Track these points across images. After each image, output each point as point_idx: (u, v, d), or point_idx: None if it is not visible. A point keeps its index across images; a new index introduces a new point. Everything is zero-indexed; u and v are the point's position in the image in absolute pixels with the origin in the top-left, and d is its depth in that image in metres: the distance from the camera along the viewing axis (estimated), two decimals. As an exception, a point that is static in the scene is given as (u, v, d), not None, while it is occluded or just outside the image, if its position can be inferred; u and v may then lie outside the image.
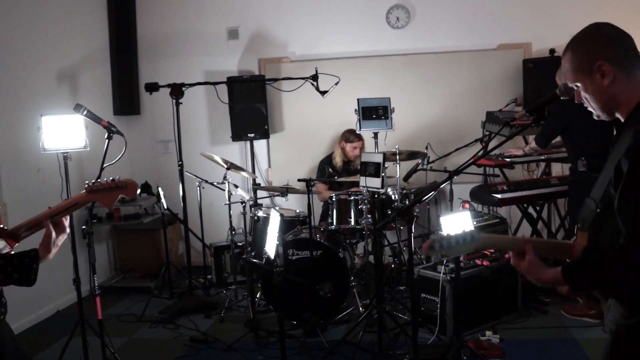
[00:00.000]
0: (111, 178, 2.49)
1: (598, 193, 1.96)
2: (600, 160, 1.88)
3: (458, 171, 2.83)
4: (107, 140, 3.36)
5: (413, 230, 4.00)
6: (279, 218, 4.07)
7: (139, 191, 2.55)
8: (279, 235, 3.86)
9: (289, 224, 5.47)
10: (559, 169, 6.18)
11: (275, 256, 3.47)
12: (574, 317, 4.93)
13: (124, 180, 2.50)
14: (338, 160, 6.29)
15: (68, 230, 2.50)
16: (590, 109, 1.99)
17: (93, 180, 2.48)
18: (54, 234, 2.39)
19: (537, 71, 6.28)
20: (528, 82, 6.39)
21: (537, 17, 6.54)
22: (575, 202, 4.88)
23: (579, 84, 1.95)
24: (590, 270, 1.83)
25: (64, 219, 2.47)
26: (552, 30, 6.45)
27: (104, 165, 3.44)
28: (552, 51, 6.32)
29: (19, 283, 2.31)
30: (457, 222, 3.80)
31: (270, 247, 3.85)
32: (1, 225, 2.44)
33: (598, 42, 1.91)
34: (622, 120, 1.91)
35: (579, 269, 1.89)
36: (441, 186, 3.14)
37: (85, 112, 2.94)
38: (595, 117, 2.01)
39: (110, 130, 3.29)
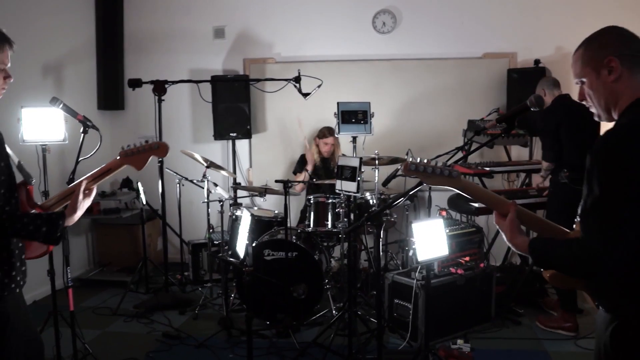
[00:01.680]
0: (145, 140, 2.63)
1: None
2: (582, 173, 1.90)
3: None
4: (82, 134, 3.34)
5: (382, 236, 3.99)
6: (249, 218, 4.07)
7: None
8: (249, 235, 3.86)
9: (266, 224, 5.47)
10: (539, 180, 6.21)
11: (244, 256, 3.47)
12: (548, 329, 4.94)
13: (157, 142, 2.64)
14: (315, 157, 6.32)
15: (93, 195, 2.59)
16: (592, 108, 2.02)
17: (128, 145, 2.63)
18: (81, 196, 2.49)
19: (522, 81, 6.30)
20: (512, 92, 6.42)
21: (524, 27, 6.58)
22: (555, 214, 4.90)
23: (584, 79, 1.98)
24: (555, 251, 1.89)
25: (95, 186, 2.58)
26: (539, 41, 6.51)
27: (79, 159, 3.44)
28: (537, 62, 6.36)
29: (46, 238, 2.36)
30: (429, 230, 3.81)
31: (241, 246, 3.85)
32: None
33: (611, 39, 1.94)
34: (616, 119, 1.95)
35: (546, 245, 1.94)
36: (410, 193, 3.16)
37: (61, 106, 2.94)
38: (595, 118, 2.04)
39: (86, 124, 3.30)
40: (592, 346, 4.46)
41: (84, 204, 2.54)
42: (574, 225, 2.05)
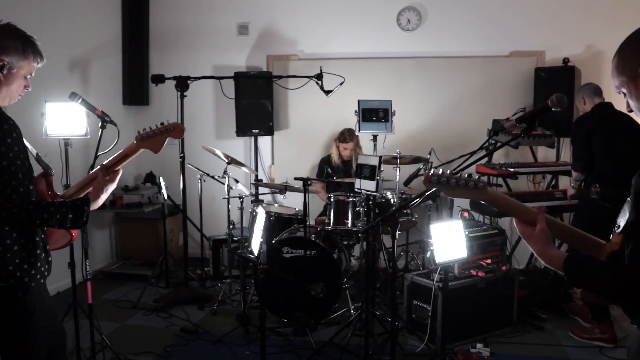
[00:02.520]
0: (161, 122, 2.66)
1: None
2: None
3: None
4: (100, 129, 3.36)
5: (398, 237, 3.94)
6: (264, 216, 4.04)
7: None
8: (269, 232, 3.84)
9: (286, 221, 5.45)
10: (567, 182, 6.10)
11: (258, 253, 3.45)
12: (584, 341, 4.75)
13: (172, 123, 2.68)
14: (336, 159, 6.29)
15: (118, 179, 2.65)
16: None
17: (144, 128, 2.65)
18: (102, 178, 2.57)
19: (549, 80, 6.17)
20: (539, 92, 6.28)
21: (553, 24, 6.44)
22: (580, 227, 4.70)
23: (624, 90, 1.78)
24: (595, 275, 1.73)
25: (118, 169, 2.63)
26: (568, 39, 6.38)
27: (98, 154, 3.45)
28: (565, 60, 6.21)
29: (73, 224, 2.43)
30: (448, 231, 3.75)
31: (255, 244, 3.83)
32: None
33: None
34: None
35: (583, 266, 1.77)
36: (427, 194, 3.10)
37: (80, 101, 2.96)
38: None
39: (104, 119, 3.30)
40: (618, 355, 4.38)
41: (108, 187, 2.61)
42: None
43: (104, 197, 2.61)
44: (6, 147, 2.30)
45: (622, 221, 1.75)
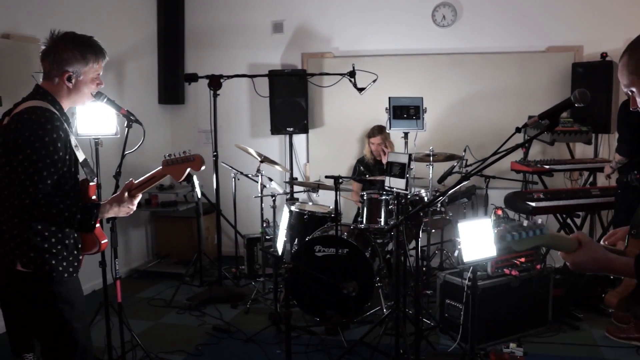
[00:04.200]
0: (183, 151, 2.76)
1: None
2: None
3: (468, 176, 2.78)
4: (126, 129, 3.40)
5: (420, 235, 3.88)
6: (288, 215, 4.04)
7: (203, 167, 2.78)
8: (288, 231, 3.84)
9: (319, 220, 5.44)
10: (604, 180, 5.96)
11: (282, 252, 3.45)
12: (620, 340, 4.64)
13: (193, 154, 2.76)
14: (369, 157, 6.27)
15: (137, 201, 2.75)
16: None
17: (170, 154, 2.76)
18: (126, 194, 2.68)
19: (587, 76, 6.04)
20: (577, 87, 6.00)
21: (590, 19, 6.30)
22: (623, 217, 4.61)
23: (634, 89, 1.81)
24: None
25: (137, 195, 2.74)
26: (606, 33, 6.20)
27: (125, 153, 3.49)
28: (604, 55, 6.06)
29: (80, 226, 2.53)
30: (476, 230, 3.69)
31: (280, 242, 3.83)
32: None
33: None
34: None
35: None
36: (450, 192, 3.06)
37: (105, 100, 3.00)
38: None
39: (129, 119, 3.34)
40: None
41: (126, 204, 2.70)
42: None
43: (116, 211, 2.68)
44: (41, 143, 2.41)
45: (635, 226, 1.75)
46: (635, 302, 1.84)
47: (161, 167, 2.77)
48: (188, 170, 2.75)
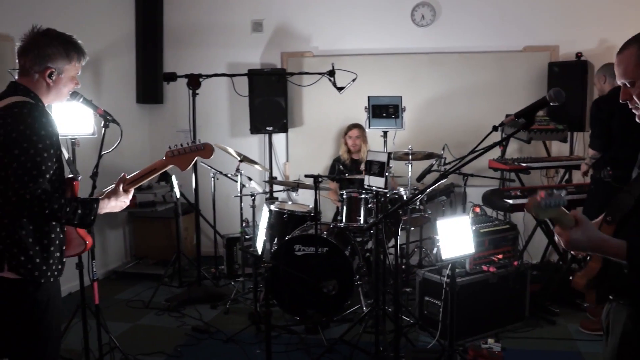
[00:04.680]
0: (192, 141, 2.76)
1: (638, 189, 1.88)
2: (627, 171, 1.77)
3: (447, 174, 2.80)
4: (103, 129, 3.38)
5: (399, 233, 3.90)
6: (267, 214, 4.05)
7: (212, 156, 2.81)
8: (268, 230, 3.84)
9: (299, 219, 5.45)
10: (580, 177, 6.03)
11: (262, 251, 3.46)
12: (593, 333, 4.71)
13: (203, 143, 2.78)
14: (345, 156, 6.31)
15: (130, 195, 2.74)
16: (636, 110, 1.91)
17: (175, 145, 2.75)
18: (120, 188, 2.68)
19: (563, 75, 6.13)
20: (553, 86, 6.12)
21: (566, 19, 6.40)
22: (593, 213, 4.68)
23: (635, 81, 1.85)
24: None
25: (131, 189, 2.73)
26: (581, 34, 6.31)
27: (102, 153, 3.47)
28: (579, 55, 6.15)
29: (80, 221, 2.50)
30: (455, 227, 3.72)
31: (259, 242, 3.84)
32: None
33: None
34: None
35: None
36: (429, 190, 3.09)
37: (81, 100, 2.98)
38: (638, 120, 1.92)
39: (106, 119, 3.33)
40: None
41: (122, 198, 2.70)
42: None
43: (112, 205, 2.67)
44: (37, 137, 2.38)
45: (610, 212, 1.81)
46: (600, 282, 1.89)
47: (164, 157, 2.76)
48: (196, 159, 2.77)
